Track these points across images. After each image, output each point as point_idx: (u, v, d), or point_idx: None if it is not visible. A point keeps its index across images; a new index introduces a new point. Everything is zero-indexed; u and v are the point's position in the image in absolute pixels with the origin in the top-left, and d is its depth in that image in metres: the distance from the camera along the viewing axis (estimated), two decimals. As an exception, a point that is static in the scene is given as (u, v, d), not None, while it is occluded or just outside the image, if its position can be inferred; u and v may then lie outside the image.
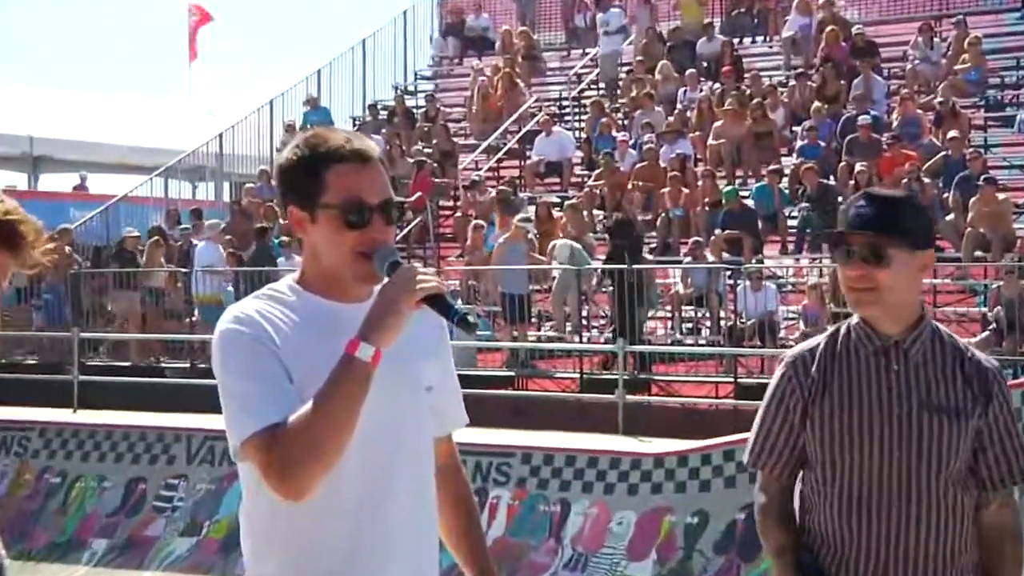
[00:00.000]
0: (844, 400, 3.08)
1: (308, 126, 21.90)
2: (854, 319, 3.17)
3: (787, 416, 3.17)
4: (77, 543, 11.05)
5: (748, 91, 18.54)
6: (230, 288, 15.92)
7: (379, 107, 22.54)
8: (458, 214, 18.10)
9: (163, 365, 15.81)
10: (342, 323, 2.47)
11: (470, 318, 2.45)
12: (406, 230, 18.11)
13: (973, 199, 14.37)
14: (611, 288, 14.13)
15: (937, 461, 3.03)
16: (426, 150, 19.83)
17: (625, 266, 13.50)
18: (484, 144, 20.11)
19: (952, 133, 15.96)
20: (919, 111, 17.26)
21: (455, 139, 20.27)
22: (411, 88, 24.28)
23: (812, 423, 3.11)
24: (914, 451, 3.03)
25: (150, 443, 11.39)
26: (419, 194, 18.07)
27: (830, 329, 3.23)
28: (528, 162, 19.46)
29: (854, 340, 3.14)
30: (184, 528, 10.75)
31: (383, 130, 20.79)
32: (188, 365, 15.46)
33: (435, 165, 19.11)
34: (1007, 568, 3.16)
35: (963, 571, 3.10)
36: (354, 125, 22.92)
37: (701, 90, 19.33)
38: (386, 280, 2.46)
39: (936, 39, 19.02)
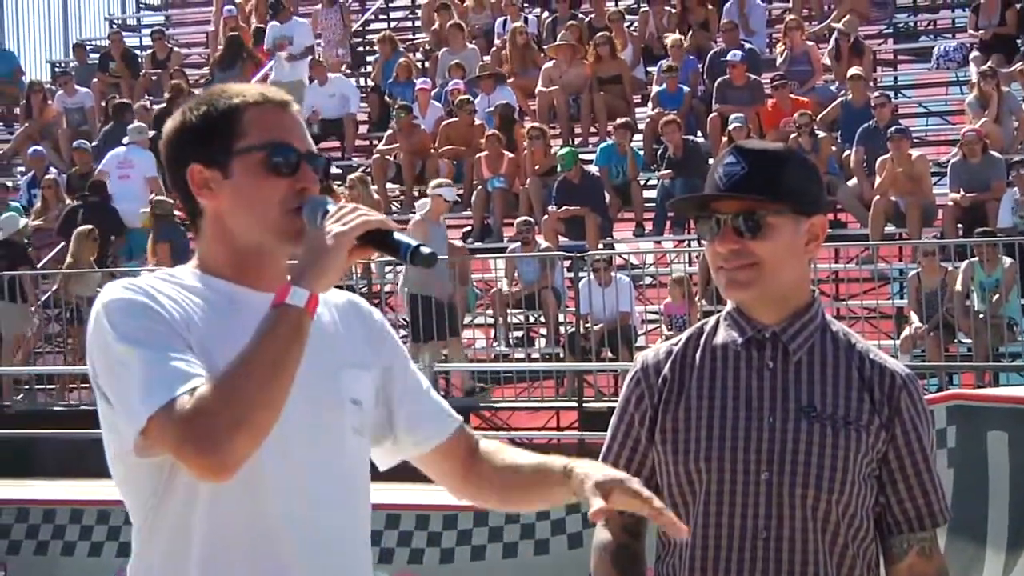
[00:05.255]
0: (701, 405, 3.12)
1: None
2: (726, 308, 3.20)
3: (630, 431, 3.22)
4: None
5: (588, 20, 18.71)
6: None
7: (87, 48, 22.07)
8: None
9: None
10: (257, 312, 2.67)
11: (424, 249, 2.66)
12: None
13: (882, 158, 14.75)
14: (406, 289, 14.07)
15: (816, 487, 3.04)
16: (156, 105, 19.49)
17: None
18: (235, 96, 19.87)
19: (853, 72, 16.36)
20: (810, 43, 17.67)
21: (196, 90, 19.95)
22: (132, 22, 23.89)
23: (662, 437, 3.15)
24: (788, 471, 3.05)
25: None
26: None
27: (695, 326, 3.26)
28: (296, 120, 19.35)
29: (722, 333, 3.17)
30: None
31: (95, 79, 20.37)
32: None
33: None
34: None
35: None
36: (53, 73, 22.43)
37: (526, 20, 19.43)
38: None
39: (829, -53, 19.51)
